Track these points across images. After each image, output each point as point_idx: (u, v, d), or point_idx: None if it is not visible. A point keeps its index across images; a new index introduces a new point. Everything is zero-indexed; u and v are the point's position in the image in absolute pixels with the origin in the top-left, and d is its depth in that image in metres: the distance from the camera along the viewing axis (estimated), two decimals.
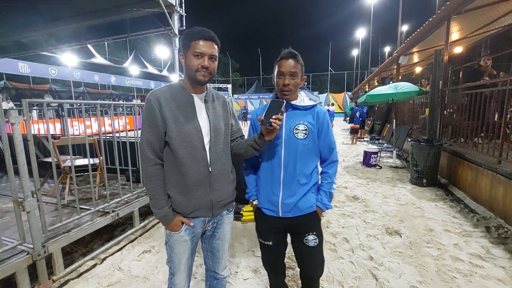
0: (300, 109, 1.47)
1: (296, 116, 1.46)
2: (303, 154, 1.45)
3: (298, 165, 1.44)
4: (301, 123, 1.44)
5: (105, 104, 6.26)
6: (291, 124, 1.45)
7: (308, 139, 1.44)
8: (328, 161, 1.54)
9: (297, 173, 1.45)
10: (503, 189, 3.34)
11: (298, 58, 1.41)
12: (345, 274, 2.39)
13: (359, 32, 32.73)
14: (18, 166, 1.93)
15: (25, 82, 16.13)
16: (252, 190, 1.63)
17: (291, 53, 1.40)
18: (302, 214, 1.49)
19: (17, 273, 1.93)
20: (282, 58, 1.41)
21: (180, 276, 1.43)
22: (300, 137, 1.43)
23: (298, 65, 1.40)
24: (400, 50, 9.07)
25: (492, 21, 6.46)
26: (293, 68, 1.38)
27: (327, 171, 1.54)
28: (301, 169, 1.45)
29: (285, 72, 1.39)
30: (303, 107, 1.47)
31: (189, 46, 1.27)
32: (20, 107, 2.00)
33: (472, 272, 2.38)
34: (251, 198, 1.63)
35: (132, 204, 3.05)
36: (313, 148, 1.48)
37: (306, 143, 1.44)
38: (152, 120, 1.28)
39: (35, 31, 5.61)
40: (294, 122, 1.45)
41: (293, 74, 1.39)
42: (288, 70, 1.39)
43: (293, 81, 1.40)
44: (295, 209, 1.47)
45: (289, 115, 1.47)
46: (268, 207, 1.53)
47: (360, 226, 3.35)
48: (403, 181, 5.30)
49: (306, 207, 1.48)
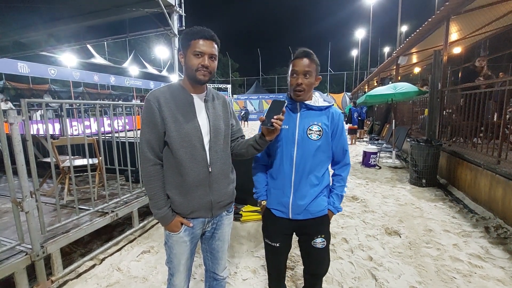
0: (315, 110, 1.45)
1: (310, 116, 1.44)
2: (316, 155, 1.43)
3: (310, 166, 1.43)
4: (315, 124, 1.42)
5: (105, 104, 6.25)
6: (304, 124, 1.43)
7: (321, 140, 1.42)
8: (342, 164, 1.53)
9: (308, 174, 1.44)
10: (502, 189, 3.34)
11: (312, 57, 1.38)
12: (344, 275, 2.39)
13: (359, 32, 32.73)
14: (17, 166, 1.92)
15: (25, 82, 16.08)
16: (262, 190, 1.59)
17: (305, 52, 1.38)
18: (313, 217, 1.48)
19: (16, 274, 1.92)
20: (297, 57, 1.39)
21: (179, 277, 1.43)
22: (314, 138, 1.42)
23: (312, 64, 1.38)
24: (399, 51, 9.08)
25: (491, 21, 6.47)
26: (306, 67, 1.36)
27: (341, 173, 1.53)
28: (312, 170, 1.44)
29: (299, 71, 1.37)
30: (317, 107, 1.45)
31: (189, 46, 1.26)
32: (19, 107, 1.99)
33: (472, 272, 2.38)
34: (260, 198, 1.60)
35: (131, 205, 3.04)
36: (326, 150, 1.46)
37: (320, 144, 1.42)
38: (151, 120, 1.27)
39: (34, 31, 5.61)
40: (308, 123, 1.43)
41: (306, 73, 1.37)
42: (302, 69, 1.37)
43: (306, 81, 1.38)
44: (305, 212, 1.46)
45: (303, 115, 1.45)
46: (278, 208, 1.51)
47: (359, 226, 3.34)
48: (402, 181, 5.30)
49: (317, 210, 1.47)
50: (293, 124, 1.44)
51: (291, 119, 1.45)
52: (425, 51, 9.13)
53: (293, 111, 1.47)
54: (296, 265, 2.51)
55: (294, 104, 1.46)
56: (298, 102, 1.45)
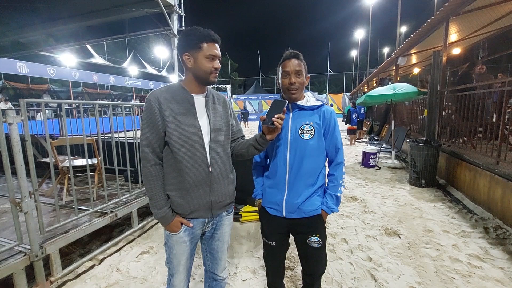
0: (307, 110, 1.47)
1: (302, 116, 1.46)
2: (309, 154, 1.45)
3: (303, 165, 1.44)
4: (307, 123, 1.44)
5: (104, 104, 6.25)
6: (297, 124, 1.45)
7: (314, 139, 1.44)
8: (334, 163, 1.54)
9: (302, 173, 1.45)
10: (501, 190, 3.34)
11: (300, 57, 1.43)
12: (344, 275, 2.39)
13: (358, 33, 32.80)
14: (16, 167, 1.91)
15: (24, 82, 16.03)
16: (258, 189, 1.65)
17: (293, 53, 1.42)
18: (306, 216, 1.49)
19: (14, 274, 1.92)
20: (285, 59, 1.43)
21: (179, 277, 1.43)
22: (306, 137, 1.43)
23: (301, 64, 1.42)
24: (399, 51, 9.09)
25: (490, 22, 6.48)
26: (297, 67, 1.40)
27: (333, 173, 1.53)
28: (306, 169, 1.45)
29: (290, 71, 1.41)
30: (309, 107, 1.47)
31: (200, 48, 1.26)
32: (18, 107, 1.99)
33: (471, 273, 2.38)
34: (257, 197, 1.65)
35: (131, 205, 3.04)
36: (319, 148, 1.48)
37: (312, 143, 1.44)
38: (151, 120, 1.27)
39: (33, 31, 5.60)
40: (300, 123, 1.45)
41: (298, 72, 1.41)
42: (293, 69, 1.40)
43: (298, 79, 1.42)
44: (299, 210, 1.47)
45: (295, 115, 1.47)
46: (272, 206, 1.53)
47: (359, 226, 3.35)
48: (401, 182, 5.31)
49: (311, 210, 1.48)
50: (286, 125, 1.46)
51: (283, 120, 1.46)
52: (425, 51, 9.14)
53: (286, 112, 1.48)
54: (296, 265, 2.51)
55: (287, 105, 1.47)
56: (290, 103, 1.48)
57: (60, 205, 2.69)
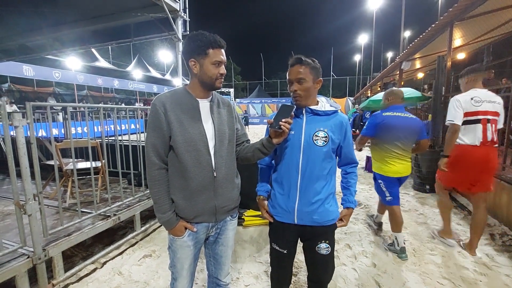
0: (321, 115, 1.45)
1: (316, 121, 1.45)
2: (322, 161, 1.43)
3: (315, 172, 1.43)
4: (321, 130, 1.42)
5: (108, 108, 6.29)
6: (310, 130, 1.43)
7: (327, 146, 1.42)
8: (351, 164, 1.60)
9: (315, 180, 1.44)
10: (507, 196, 3.30)
11: (303, 62, 1.38)
12: (347, 281, 2.36)
13: (362, 37, 32.88)
14: (21, 169, 1.93)
15: (29, 85, 16.23)
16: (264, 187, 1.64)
17: (295, 59, 1.40)
18: (318, 225, 1.48)
19: (17, 277, 1.92)
20: (289, 65, 1.42)
21: (182, 282, 1.42)
22: (320, 144, 1.41)
23: (305, 68, 1.38)
24: (402, 56, 9.08)
25: (494, 27, 6.47)
26: (298, 74, 1.38)
27: (352, 171, 1.60)
28: (319, 176, 1.44)
29: (292, 79, 1.41)
30: (323, 112, 1.45)
31: (206, 54, 1.25)
32: (24, 110, 2.01)
33: (477, 280, 2.34)
34: (259, 193, 1.64)
35: (134, 208, 3.04)
36: (332, 156, 1.47)
37: (326, 150, 1.42)
38: (157, 125, 1.27)
39: (40, 35, 5.66)
40: (314, 129, 1.43)
41: (299, 80, 1.39)
42: (294, 76, 1.40)
43: (301, 87, 1.40)
44: (311, 218, 1.46)
45: (309, 120, 1.45)
46: (284, 213, 1.51)
47: (363, 232, 3.31)
48: (406, 187, 5.26)
49: (326, 220, 1.48)
50: (299, 129, 1.44)
51: (297, 124, 1.45)
52: (429, 56, 9.13)
53: (299, 116, 1.47)
54: (300, 271, 2.48)
55: (300, 110, 1.47)
56: (302, 107, 1.46)
57: (63, 207, 2.70)
